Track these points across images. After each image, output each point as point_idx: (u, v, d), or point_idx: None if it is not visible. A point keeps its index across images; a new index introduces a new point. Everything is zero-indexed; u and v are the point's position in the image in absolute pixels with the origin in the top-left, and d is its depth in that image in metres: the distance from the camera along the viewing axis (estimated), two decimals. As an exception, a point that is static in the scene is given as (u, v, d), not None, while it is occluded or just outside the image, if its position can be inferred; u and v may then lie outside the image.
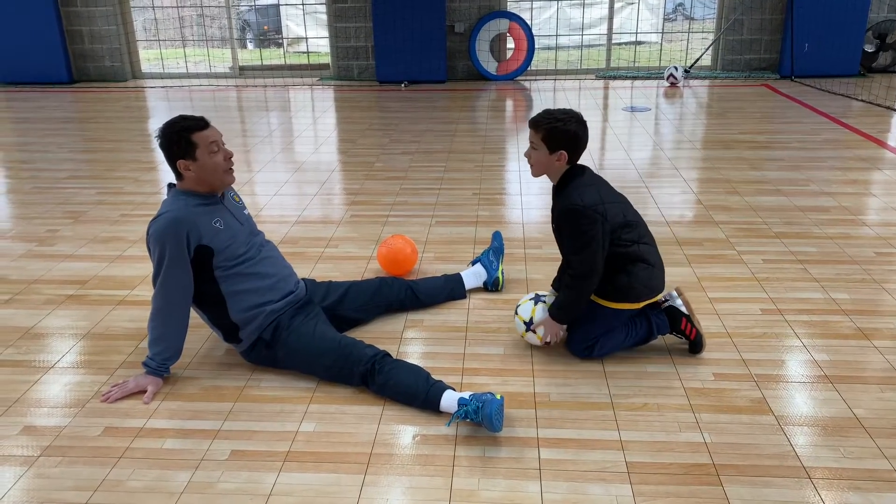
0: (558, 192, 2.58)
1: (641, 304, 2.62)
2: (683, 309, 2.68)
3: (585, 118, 2.57)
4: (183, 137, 2.43)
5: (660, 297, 2.71)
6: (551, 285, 2.91)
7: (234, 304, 2.54)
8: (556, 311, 2.61)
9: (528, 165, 2.59)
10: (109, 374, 2.65)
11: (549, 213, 2.71)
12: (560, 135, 2.45)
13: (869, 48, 9.20)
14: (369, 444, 2.24)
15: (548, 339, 2.66)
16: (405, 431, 2.30)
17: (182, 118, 2.47)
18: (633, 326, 2.66)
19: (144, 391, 2.49)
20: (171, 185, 2.59)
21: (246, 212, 2.71)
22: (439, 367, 2.64)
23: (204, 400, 2.49)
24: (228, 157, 2.53)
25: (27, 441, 2.28)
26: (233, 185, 2.67)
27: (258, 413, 2.41)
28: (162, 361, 2.52)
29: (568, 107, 2.68)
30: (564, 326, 2.65)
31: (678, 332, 2.68)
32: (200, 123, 2.46)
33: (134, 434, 2.30)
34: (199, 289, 2.53)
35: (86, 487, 2.07)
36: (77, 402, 2.49)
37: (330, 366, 2.52)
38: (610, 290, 2.58)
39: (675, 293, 2.76)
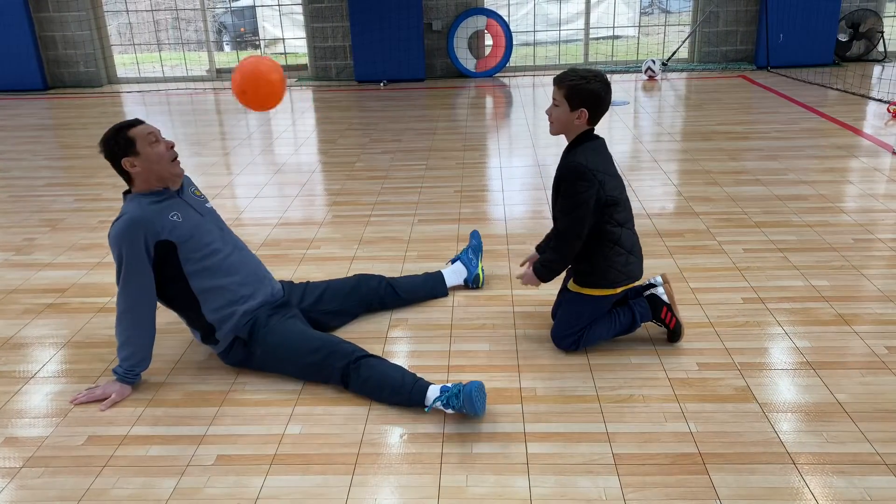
0: (567, 151, 2.55)
1: (619, 290, 2.63)
2: (665, 298, 2.70)
3: None
4: (120, 135, 2.46)
5: (639, 283, 2.73)
6: (535, 248, 2.91)
7: (206, 303, 2.53)
8: (539, 268, 2.63)
9: (549, 123, 2.56)
10: (91, 383, 2.62)
11: (533, 208, 2.71)
12: (583, 93, 2.43)
13: (842, 37, 9.30)
14: (356, 444, 2.23)
15: (524, 282, 2.71)
16: (392, 431, 2.29)
17: (115, 124, 2.53)
18: (617, 316, 2.67)
19: (109, 397, 2.48)
20: (126, 192, 2.58)
21: (208, 205, 2.70)
22: (425, 364, 2.64)
23: (188, 405, 2.47)
24: (170, 146, 2.53)
25: (9, 452, 2.25)
26: (202, 186, 2.65)
27: (243, 417, 2.39)
28: (129, 368, 2.50)
29: (549, 100, 2.68)
30: (541, 284, 2.69)
31: (658, 321, 2.70)
32: (134, 122, 2.51)
33: (118, 442, 2.28)
34: (170, 289, 2.52)
35: (70, 497, 2.04)
36: (59, 411, 2.46)
37: (309, 363, 2.51)
38: (587, 274, 2.60)
39: (659, 279, 2.78)
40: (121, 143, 2.46)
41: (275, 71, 2.57)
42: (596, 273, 2.58)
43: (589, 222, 2.48)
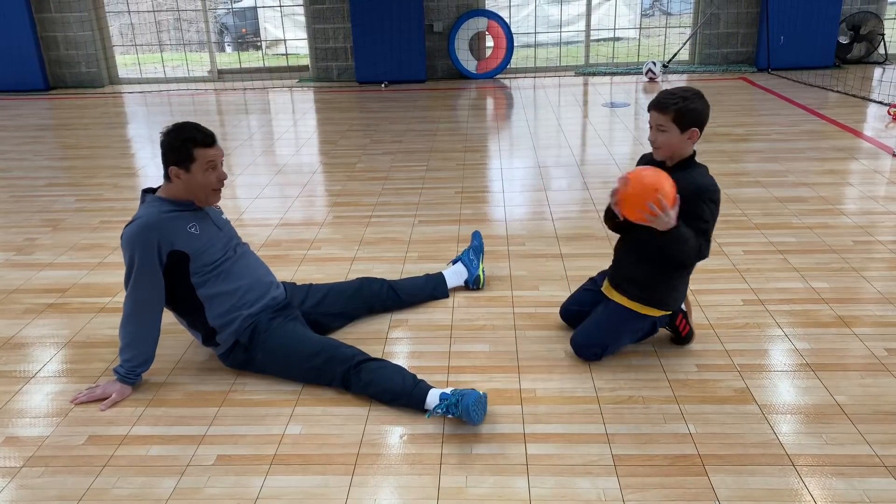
0: (677, 170, 2.45)
1: (669, 312, 2.60)
2: (683, 305, 2.69)
3: (567, 115, 2.56)
4: (185, 147, 2.43)
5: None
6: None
7: (210, 309, 2.53)
8: (678, 231, 2.31)
9: (654, 149, 2.48)
10: (91, 383, 2.62)
11: (533, 209, 2.70)
12: (690, 113, 2.40)
13: (843, 40, 9.31)
14: (356, 444, 2.24)
15: (657, 209, 2.29)
16: (392, 431, 2.29)
17: (193, 128, 2.47)
18: (642, 326, 2.66)
19: (109, 397, 2.48)
20: (145, 192, 2.57)
21: (224, 217, 2.70)
22: (425, 365, 2.64)
23: (188, 405, 2.47)
24: (221, 178, 2.53)
25: (9, 452, 2.26)
26: None
27: (244, 417, 2.39)
28: (131, 369, 2.50)
29: (551, 101, 2.67)
30: (660, 221, 2.29)
31: (670, 327, 2.70)
32: (207, 140, 2.47)
33: (118, 442, 2.28)
34: (175, 294, 2.52)
35: (70, 497, 2.05)
36: (60, 411, 2.46)
37: (310, 367, 2.51)
38: (652, 292, 2.55)
39: None
40: (182, 154, 2.43)
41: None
42: (661, 292, 2.54)
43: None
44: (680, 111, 2.39)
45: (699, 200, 2.38)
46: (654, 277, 2.53)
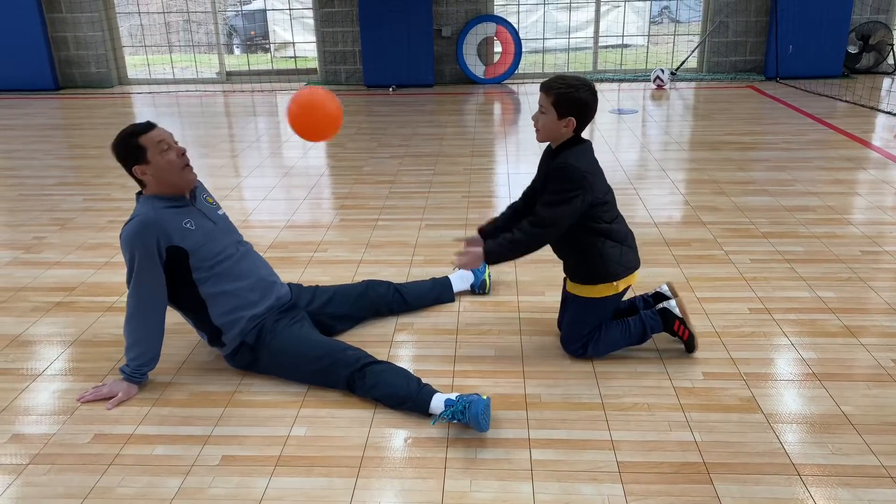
0: (554, 153, 2.56)
1: (621, 285, 2.61)
2: (677, 312, 2.69)
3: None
4: (130, 143, 2.46)
5: (646, 292, 2.73)
6: (478, 230, 2.87)
7: (214, 308, 2.54)
8: (493, 247, 2.54)
9: (534, 129, 2.57)
10: (98, 382, 2.63)
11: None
12: (571, 101, 2.42)
13: (852, 49, 9.29)
14: (361, 447, 2.24)
15: (458, 266, 2.62)
16: (396, 434, 2.29)
17: (129, 126, 2.51)
18: (628, 326, 2.67)
19: (115, 396, 2.49)
20: (139, 193, 2.59)
21: (221, 212, 2.70)
22: (430, 369, 2.65)
23: (194, 405, 2.48)
24: (181, 153, 2.53)
25: (16, 449, 2.26)
26: (211, 188, 2.66)
27: (249, 418, 2.40)
28: (137, 367, 2.51)
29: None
30: (480, 266, 2.62)
31: (671, 334, 2.70)
32: (145, 127, 2.49)
33: (124, 441, 2.29)
34: (178, 292, 2.53)
35: (75, 495, 2.05)
36: (66, 409, 2.47)
37: (315, 370, 2.51)
38: (585, 272, 2.59)
39: (666, 287, 2.78)
40: (131, 150, 2.46)
41: (330, 101, 2.54)
42: (593, 268, 2.57)
43: (570, 219, 2.46)
44: (561, 96, 2.42)
45: (556, 180, 2.46)
46: (577, 259, 2.60)
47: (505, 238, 2.54)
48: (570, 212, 2.45)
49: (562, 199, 2.45)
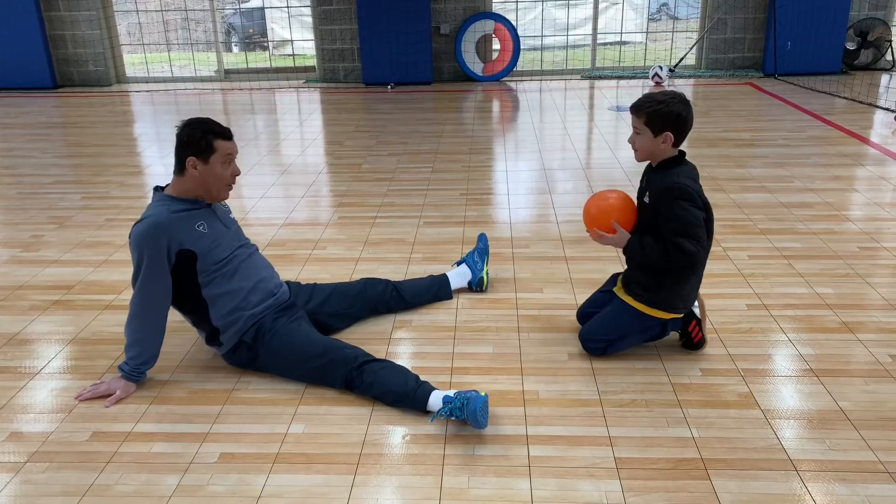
0: (657, 170, 2.51)
1: (678, 315, 2.60)
2: (697, 312, 2.68)
3: (573, 118, 2.56)
4: (205, 138, 2.45)
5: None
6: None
7: (215, 309, 2.54)
8: (636, 244, 2.48)
9: (633, 150, 2.52)
10: (96, 380, 2.63)
11: (538, 212, 2.70)
12: (663, 116, 2.39)
13: (850, 46, 9.29)
14: (359, 444, 2.24)
15: (598, 237, 2.58)
16: (394, 431, 2.30)
17: (212, 121, 2.50)
18: (649, 327, 2.66)
19: (114, 394, 2.49)
20: (156, 189, 2.58)
21: (232, 216, 2.71)
22: (428, 366, 2.65)
23: (192, 403, 2.48)
24: (235, 173, 2.55)
25: (14, 447, 2.27)
26: None
27: (247, 415, 2.40)
28: (136, 366, 2.51)
29: (557, 105, 2.67)
30: (620, 250, 2.58)
31: (682, 332, 2.69)
32: (226, 133, 2.50)
33: (122, 438, 2.29)
34: (181, 292, 2.53)
35: (74, 493, 2.06)
36: (64, 407, 2.47)
37: (313, 368, 2.51)
38: (654, 293, 2.55)
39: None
40: (202, 145, 2.45)
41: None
42: (663, 294, 2.54)
43: (704, 237, 2.42)
44: (651, 115, 2.41)
45: (667, 201, 2.41)
46: (654, 281, 2.54)
47: (649, 243, 2.47)
48: (702, 226, 2.41)
49: (688, 220, 2.38)
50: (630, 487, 2.02)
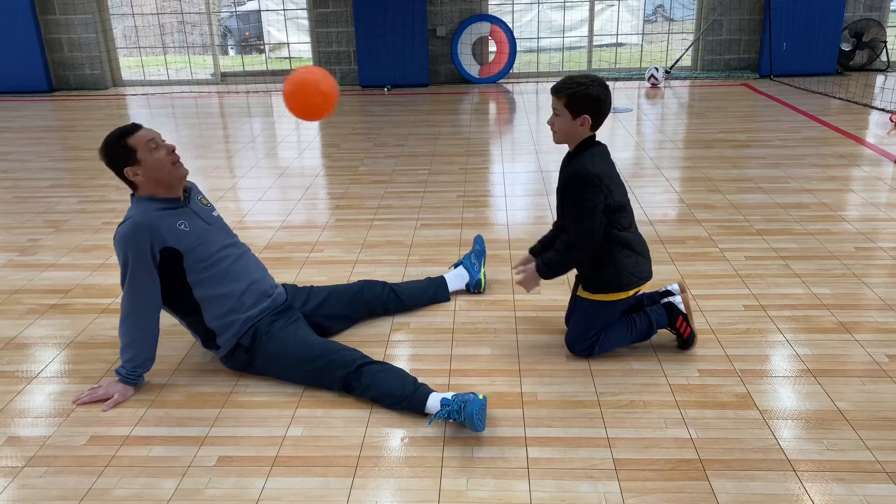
0: (570, 158, 2.57)
1: (631, 293, 2.62)
2: (682, 307, 2.70)
3: None
4: (120, 145, 2.46)
5: (655, 290, 2.76)
6: (529, 251, 2.88)
7: (208, 311, 2.53)
8: (542, 267, 2.61)
9: (551, 133, 2.56)
10: (94, 383, 2.62)
11: (535, 214, 2.71)
12: (583, 99, 2.42)
13: (846, 47, 9.32)
14: (357, 447, 2.24)
15: (524, 288, 2.69)
16: (393, 434, 2.30)
17: (115, 129, 2.52)
18: (633, 324, 2.67)
19: (111, 398, 2.49)
20: (133, 195, 2.59)
21: (215, 214, 2.70)
22: (426, 368, 2.65)
23: (190, 406, 2.47)
24: (170, 150, 2.53)
25: (11, 452, 2.26)
26: (206, 189, 2.65)
27: (245, 419, 2.40)
28: (132, 369, 2.51)
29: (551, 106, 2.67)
30: (541, 281, 2.69)
31: (672, 329, 2.71)
32: (132, 128, 2.50)
33: (120, 442, 2.29)
34: (173, 295, 2.53)
35: (72, 497, 2.05)
36: (62, 411, 2.46)
37: (311, 371, 2.51)
38: (597, 280, 2.59)
39: (676, 287, 2.78)
40: (121, 152, 2.45)
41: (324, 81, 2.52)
42: (606, 278, 2.58)
43: (601, 228, 2.48)
44: (573, 96, 2.43)
45: (570, 188, 2.48)
46: (593, 269, 2.59)
47: (549, 259, 2.60)
48: (597, 222, 2.46)
49: (585, 210, 2.46)
50: (628, 488, 2.02)
